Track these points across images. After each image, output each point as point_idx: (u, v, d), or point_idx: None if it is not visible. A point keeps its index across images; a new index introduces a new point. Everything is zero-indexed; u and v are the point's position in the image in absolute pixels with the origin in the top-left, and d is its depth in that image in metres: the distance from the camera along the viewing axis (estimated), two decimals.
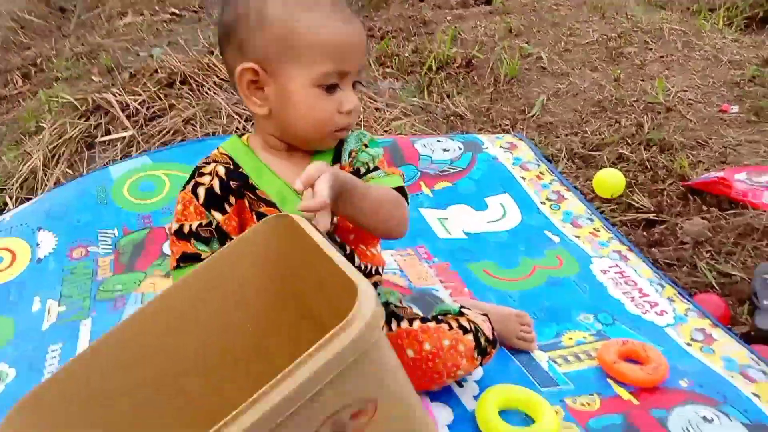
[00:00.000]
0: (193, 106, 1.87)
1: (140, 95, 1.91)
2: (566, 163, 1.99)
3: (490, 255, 1.44)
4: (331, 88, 0.86)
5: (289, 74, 0.85)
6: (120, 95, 1.92)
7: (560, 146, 2.06)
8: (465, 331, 0.98)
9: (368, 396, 0.57)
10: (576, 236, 1.51)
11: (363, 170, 0.95)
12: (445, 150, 1.77)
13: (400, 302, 1.07)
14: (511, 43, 2.78)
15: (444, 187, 1.68)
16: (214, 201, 0.91)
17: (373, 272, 1.02)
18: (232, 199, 0.92)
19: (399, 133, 2.03)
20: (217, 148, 0.96)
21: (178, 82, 1.99)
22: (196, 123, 1.84)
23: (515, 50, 2.70)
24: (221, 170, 0.92)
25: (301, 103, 0.86)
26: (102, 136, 1.86)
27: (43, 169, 1.82)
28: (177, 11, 3.85)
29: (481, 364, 1.02)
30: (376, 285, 1.04)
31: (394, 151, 1.74)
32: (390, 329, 1.00)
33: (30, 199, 1.77)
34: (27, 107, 2.48)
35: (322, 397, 0.51)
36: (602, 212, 1.66)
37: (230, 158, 0.94)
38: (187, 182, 0.93)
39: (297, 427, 0.52)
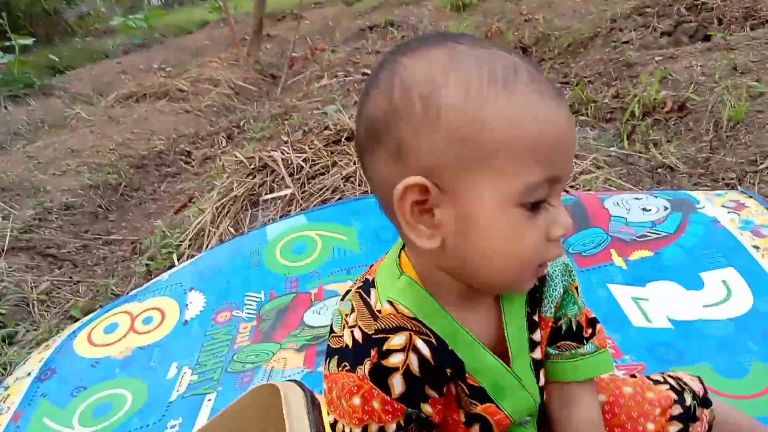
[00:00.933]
0: (355, 163, 1.75)
1: (305, 152, 1.85)
2: None
3: (707, 355, 1.05)
4: (536, 206, 0.57)
5: (474, 190, 0.56)
6: (287, 153, 1.87)
7: None
8: (657, 383, 0.73)
9: None
10: None
11: (564, 328, 0.70)
12: (645, 210, 1.41)
13: None
14: (737, 82, 2.29)
15: (643, 257, 1.32)
16: (417, 390, 0.61)
17: None
18: (443, 388, 0.64)
19: (588, 190, 1.70)
20: (392, 305, 0.63)
21: (344, 139, 1.89)
22: (356, 180, 1.71)
23: (742, 90, 2.21)
24: (422, 348, 0.61)
25: (495, 232, 0.56)
26: (266, 194, 1.82)
27: (210, 226, 1.82)
28: (368, 71, 3.92)
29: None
30: None
31: (577, 210, 1.43)
32: None
33: (196, 255, 1.77)
34: (216, 166, 2.59)
35: None
36: None
37: (422, 324, 0.62)
38: (355, 360, 0.62)
39: None
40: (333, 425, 0.62)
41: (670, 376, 0.78)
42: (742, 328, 1.10)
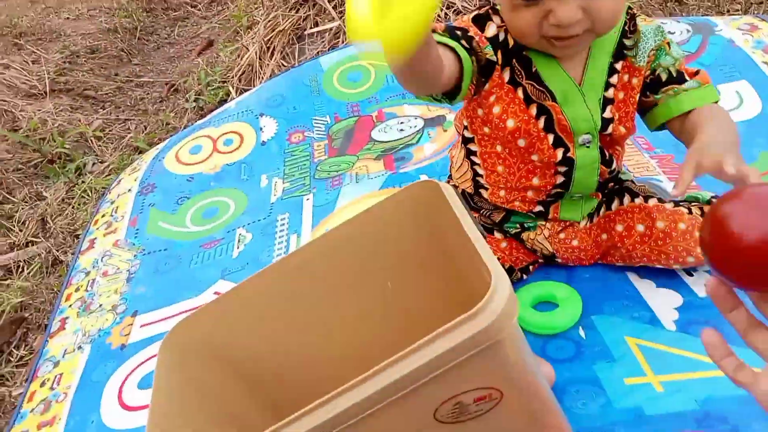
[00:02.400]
0: None
1: None
2: None
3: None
4: (533, 1, 0.75)
5: None
6: None
7: None
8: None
9: (492, 385, 0.55)
10: None
11: (665, 77, 0.86)
12: (670, 33, 1.59)
13: (633, 182, 1.01)
14: None
15: None
16: (497, 46, 0.83)
17: (617, 173, 0.98)
18: (507, 71, 0.84)
19: None
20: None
21: None
22: None
23: None
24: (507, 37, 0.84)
25: (504, 10, 0.80)
26: (311, 27, 1.93)
27: (258, 62, 1.94)
28: None
29: None
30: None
31: None
32: (621, 203, 0.97)
33: (249, 89, 1.91)
34: (239, 5, 2.64)
35: (442, 380, 0.51)
36: None
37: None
38: (465, 15, 0.86)
39: (418, 402, 0.52)
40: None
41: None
42: (752, 127, 1.33)
